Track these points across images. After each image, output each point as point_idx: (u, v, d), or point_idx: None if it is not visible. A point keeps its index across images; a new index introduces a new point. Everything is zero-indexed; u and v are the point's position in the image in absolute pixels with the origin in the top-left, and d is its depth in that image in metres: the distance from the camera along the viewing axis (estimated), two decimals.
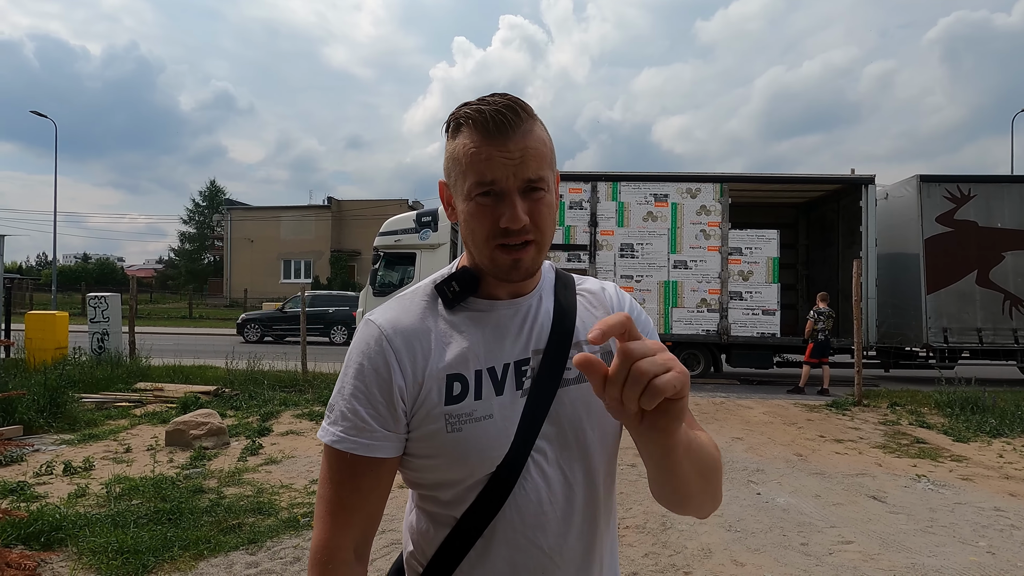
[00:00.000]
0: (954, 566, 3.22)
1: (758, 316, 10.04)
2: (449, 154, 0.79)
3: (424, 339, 0.79)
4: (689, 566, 3.19)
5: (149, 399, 7.59)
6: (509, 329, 0.82)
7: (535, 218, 0.76)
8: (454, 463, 0.77)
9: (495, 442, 0.76)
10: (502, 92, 0.78)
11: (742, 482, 4.66)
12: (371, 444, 0.76)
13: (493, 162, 0.74)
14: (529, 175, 0.75)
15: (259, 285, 31.71)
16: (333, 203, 34.06)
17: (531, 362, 0.81)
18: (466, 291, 0.82)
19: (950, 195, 10.21)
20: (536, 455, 0.78)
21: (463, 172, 0.76)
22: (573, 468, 0.80)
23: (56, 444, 5.48)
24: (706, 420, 6.97)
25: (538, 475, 0.78)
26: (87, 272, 43.57)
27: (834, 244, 11.60)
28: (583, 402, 0.81)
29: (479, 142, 0.75)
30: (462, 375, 0.78)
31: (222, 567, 3.09)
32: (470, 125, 0.76)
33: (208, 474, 4.61)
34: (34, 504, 3.82)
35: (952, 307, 10.08)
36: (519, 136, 0.75)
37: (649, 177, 10.33)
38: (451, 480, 0.78)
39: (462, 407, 0.77)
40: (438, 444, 0.76)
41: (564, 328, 0.83)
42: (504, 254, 0.76)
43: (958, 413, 7.18)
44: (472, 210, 0.77)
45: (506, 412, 0.78)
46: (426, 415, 0.77)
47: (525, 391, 0.79)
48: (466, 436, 0.76)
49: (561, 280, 0.90)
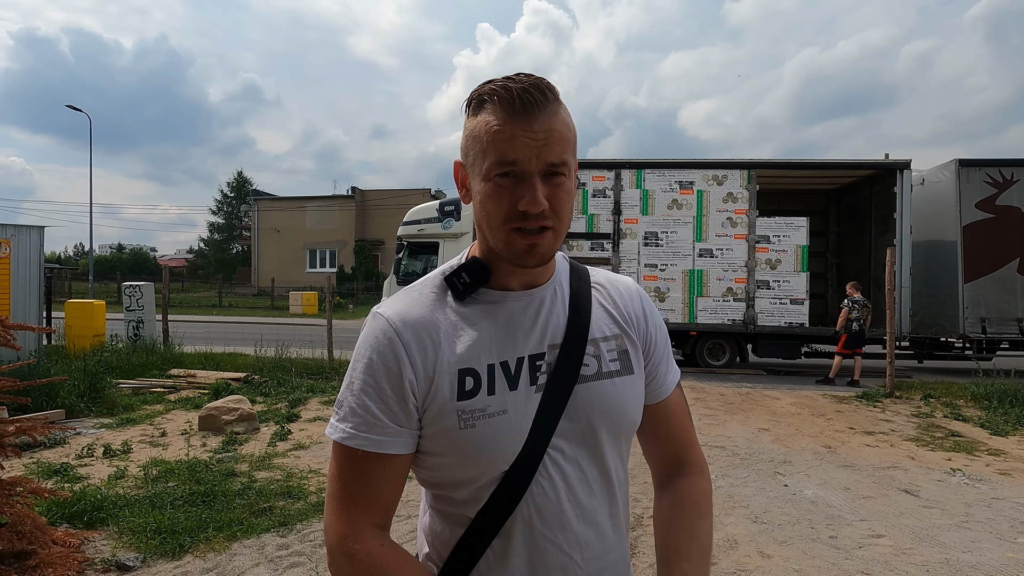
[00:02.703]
0: (990, 562, 3.13)
1: (786, 305, 9.84)
2: (469, 132, 0.76)
3: (434, 332, 0.77)
4: (714, 557, 3.17)
5: (182, 385, 7.82)
6: (522, 322, 0.79)
7: (554, 204, 0.73)
8: (468, 460, 0.74)
9: (509, 439, 0.74)
10: (528, 72, 0.74)
11: (768, 473, 4.60)
12: (382, 440, 0.74)
13: (517, 141, 0.71)
14: (552, 158, 0.72)
15: (286, 274, 32.27)
16: (357, 193, 34.36)
17: (546, 357, 0.79)
18: (477, 282, 0.80)
19: (991, 180, 9.81)
20: (553, 452, 0.76)
21: (483, 150, 0.73)
22: (592, 465, 0.79)
23: (96, 428, 5.70)
24: (732, 411, 6.89)
25: (556, 472, 0.76)
26: (122, 262, 44.94)
27: (866, 232, 11.26)
28: (601, 399, 0.79)
29: (503, 120, 0.72)
30: (474, 369, 0.76)
31: (254, 548, 3.18)
32: (495, 102, 0.72)
33: (239, 458, 4.74)
34: (77, 485, 3.99)
35: (991, 296, 9.73)
36: (545, 117, 0.72)
37: (674, 164, 10.15)
38: (465, 478, 0.76)
39: (475, 402, 0.74)
40: (451, 441, 0.74)
41: (580, 322, 0.81)
42: (520, 238, 0.73)
43: (996, 406, 6.95)
44: (490, 191, 0.73)
45: (520, 408, 0.76)
46: (438, 411, 0.74)
47: (540, 387, 0.77)
48: (480, 433, 0.74)
49: (575, 272, 0.88)
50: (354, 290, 28.44)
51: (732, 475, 4.54)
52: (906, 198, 9.68)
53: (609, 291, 0.88)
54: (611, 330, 0.84)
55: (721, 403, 7.33)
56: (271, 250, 34.20)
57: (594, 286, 0.87)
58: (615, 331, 0.85)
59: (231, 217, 41.87)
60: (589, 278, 0.88)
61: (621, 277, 0.92)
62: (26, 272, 8.20)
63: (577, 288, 0.85)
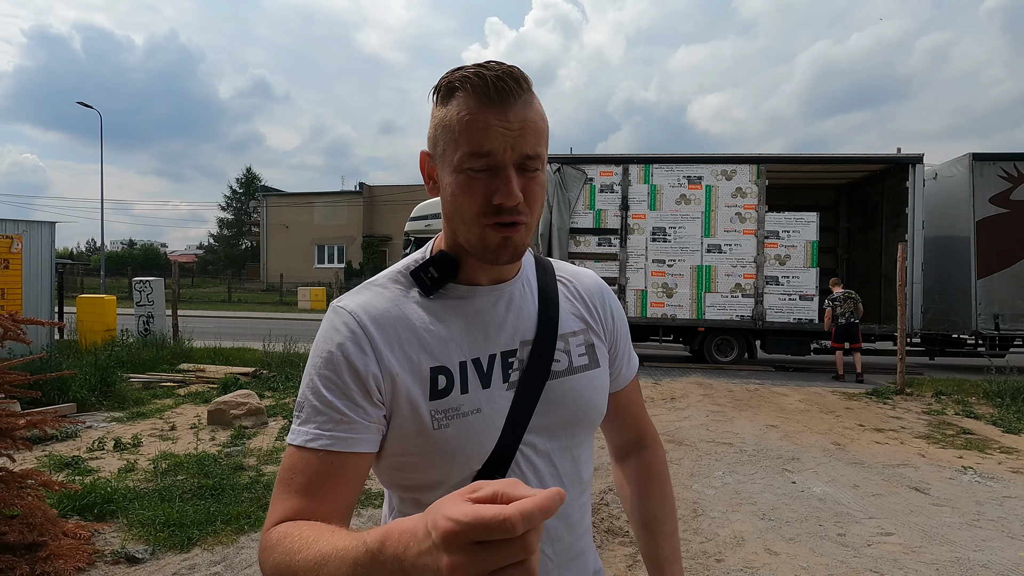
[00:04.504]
0: (1002, 561, 3.09)
1: (795, 301, 9.76)
2: (438, 121, 0.72)
3: (401, 327, 0.73)
4: (721, 553, 3.15)
5: (192, 379, 7.88)
6: (493, 317, 0.78)
7: (528, 198, 0.70)
8: (441, 461, 0.72)
9: (483, 438, 0.72)
10: (499, 60, 0.71)
11: (776, 470, 4.57)
12: (349, 438, 0.68)
13: (491, 131, 0.67)
14: (527, 150, 0.69)
15: (294, 270, 32.45)
16: (364, 188, 34.44)
17: (518, 354, 0.77)
18: (445, 277, 0.77)
19: (1006, 174, 9.65)
20: (525, 448, 0.75)
21: (454, 140, 0.69)
22: (563, 458, 0.79)
23: (107, 421, 5.76)
24: (740, 407, 6.85)
25: (528, 468, 0.75)
26: (133, 257, 45.38)
27: (877, 227, 11.14)
28: (571, 394, 0.79)
29: (476, 109, 0.68)
30: (446, 368, 0.73)
31: None
32: (468, 90, 0.69)
33: (248, 452, 4.77)
34: (87, 478, 4.03)
35: (1005, 292, 9.60)
36: (520, 107, 0.69)
37: (682, 159, 10.08)
38: (437, 479, 0.73)
39: (448, 402, 0.72)
40: (424, 442, 0.71)
41: (550, 317, 0.81)
42: (495, 232, 0.71)
43: (1009, 403, 6.86)
44: (462, 183, 0.70)
45: (494, 406, 0.74)
46: (409, 412, 0.71)
47: (512, 384, 0.76)
48: (454, 432, 0.71)
49: (541, 265, 0.86)
50: None
51: (740, 472, 4.52)
52: (918, 193, 9.56)
53: (575, 284, 0.88)
54: (578, 325, 0.85)
55: (729, 399, 7.29)
56: (280, 246, 34.39)
57: (559, 280, 0.86)
58: (582, 326, 0.85)
59: (240, 213, 42.13)
60: (555, 272, 0.87)
61: (584, 270, 0.92)
62: (38, 268, 8.29)
63: (544, 282, 0.84)
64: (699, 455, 4.95)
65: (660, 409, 6.75)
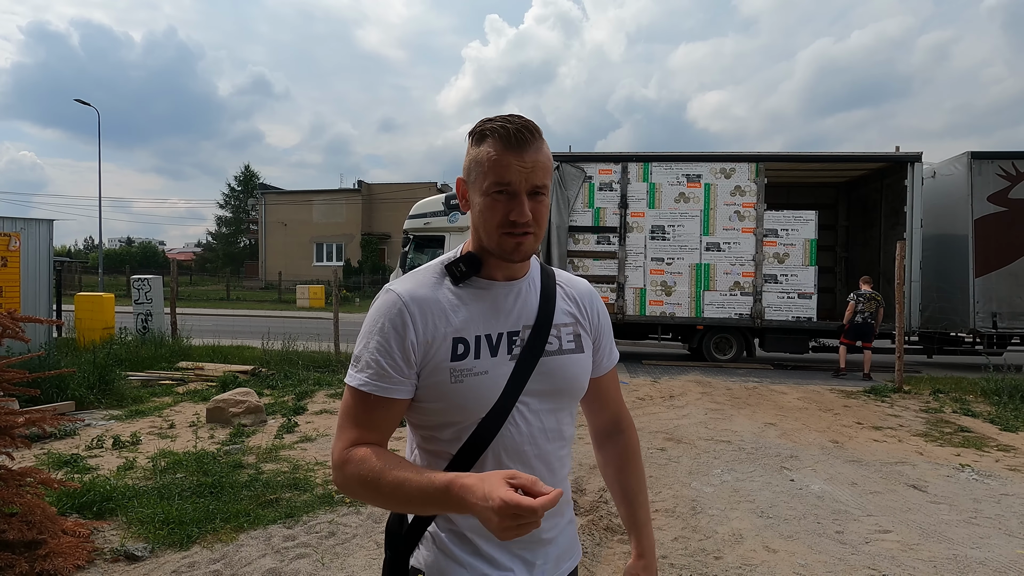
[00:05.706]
0: (999, 559, 3.11)
1: (794, 300, 9.77)
2: (472, 157, 0.98)
3: (435, 307, 0.98)
4: (720, 551, 3.16)
5: (191, 377, 7.88)
6: (504, 305, 1.03)
7: (536, 215, 0.96)
8: (455, 407, 0.97)
9: (488, 392, 0.97)
10: (519, 114, 0.98)
11: (775, 468, 4.58)
12: (390, 388, 0.96)
13: (511, 168, 0.94)
14: (536, 182, 0.96)
15: (293, 268, 32.42)
16: (363, 187, 34.39)
17: (521, 334, 1.02)
18: (471, 271, 1.02)
19: (1004, 173, 9.67)
20: (520, 406, 0.99)
21: (484, 173, 0.95)
22: (549, 418, 1.03)
23: (105, 419, 5.76)
24: (738, 405, 6.86)
25: (521, 421, 0.99)
26: (131, 255, 45.29)
27: (876, 225, 11.15)
28: (560, 369, 1.04)
29: (501, 151, 0.94)
30: (465, 339, 0.98)
31: (261, 540, 3.20)
32: (495, 137, 0.95)
33: (247, 450, 4.77)
34: (86, 476, 4.03)
35: (1003, 291, 9.62)
36: (532, 151, 0.95)
37: (681, 157, 10.08)
38: (451, 421, 0.98)
39: (464, 364, 0.97)
40: (443, 392, 0.96)
41: (548, 309, 1.06)
42: (510, 239, 0.96)
43: (1006, 401, 6.89)
44: (488, 203, 0.96)
45: (498, 371, 0.98)
46: (435, 368, 0.96)
47: (514, 356, 1.00)
48: (467, 386, 0.96)
49: (545, 271, 1.13)
50: (361, 283, 28.51)
51: (738, 469, 4.53)
52: (917, 191, 9.57)
53: (570, 289, 1.14)
54: (569, 319, 1.10)
55: (727, 397, 7.30)
56: (278, 244, 34.34)
57: (558, 284, 1.12)
58: (572, 320, 1.10)
59: (239, 211, 42.05)
60: (555, 277, 1.13)
61: (578, 279, 1.18)
62: (36, 265, 8.27)
63: (546, 284, 1.10)
64: (698, 453, 4.96)
65: (659, 407, 6.76)
